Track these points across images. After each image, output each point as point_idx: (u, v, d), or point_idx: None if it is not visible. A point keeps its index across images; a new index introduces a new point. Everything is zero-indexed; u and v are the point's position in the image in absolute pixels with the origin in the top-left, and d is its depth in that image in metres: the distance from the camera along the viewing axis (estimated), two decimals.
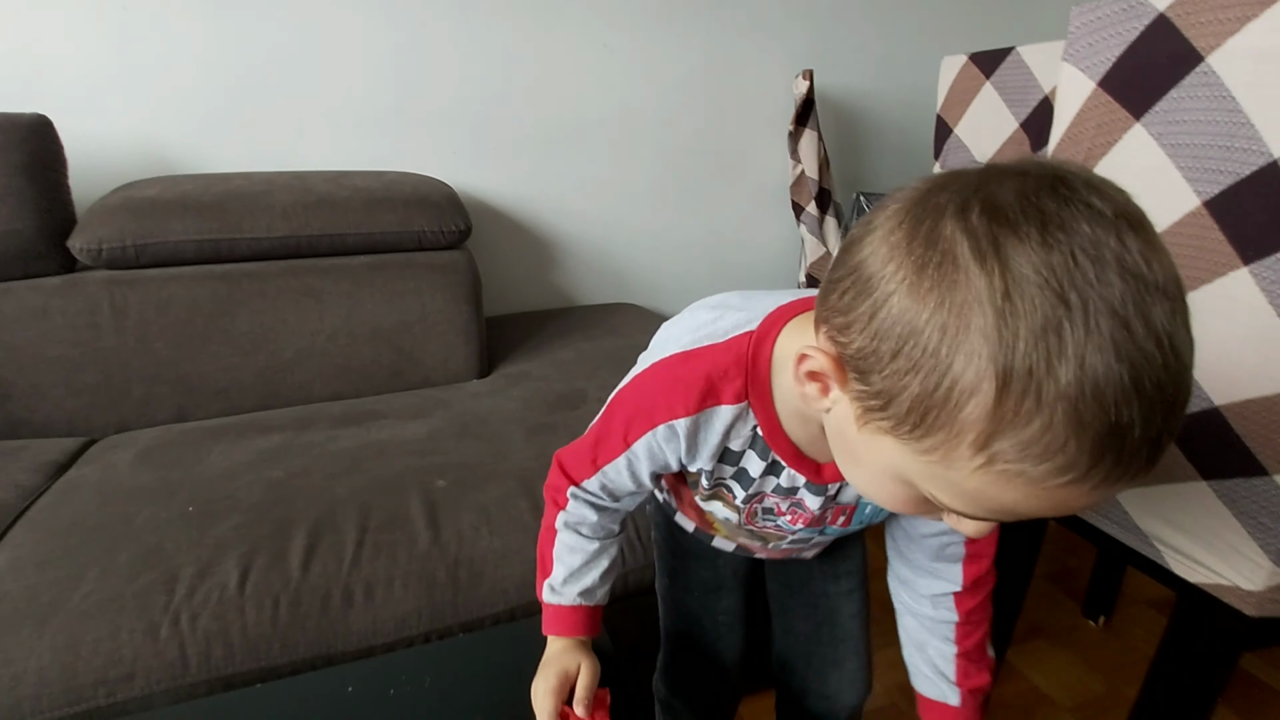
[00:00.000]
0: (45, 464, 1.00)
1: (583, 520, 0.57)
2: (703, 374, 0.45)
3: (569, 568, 0.57)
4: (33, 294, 1.11)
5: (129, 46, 1.31)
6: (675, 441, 0.47)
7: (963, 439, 0.29)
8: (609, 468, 0.52)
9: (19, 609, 0.68)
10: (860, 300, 0.32)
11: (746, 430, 0.47)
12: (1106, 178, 0.29)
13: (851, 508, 0.52)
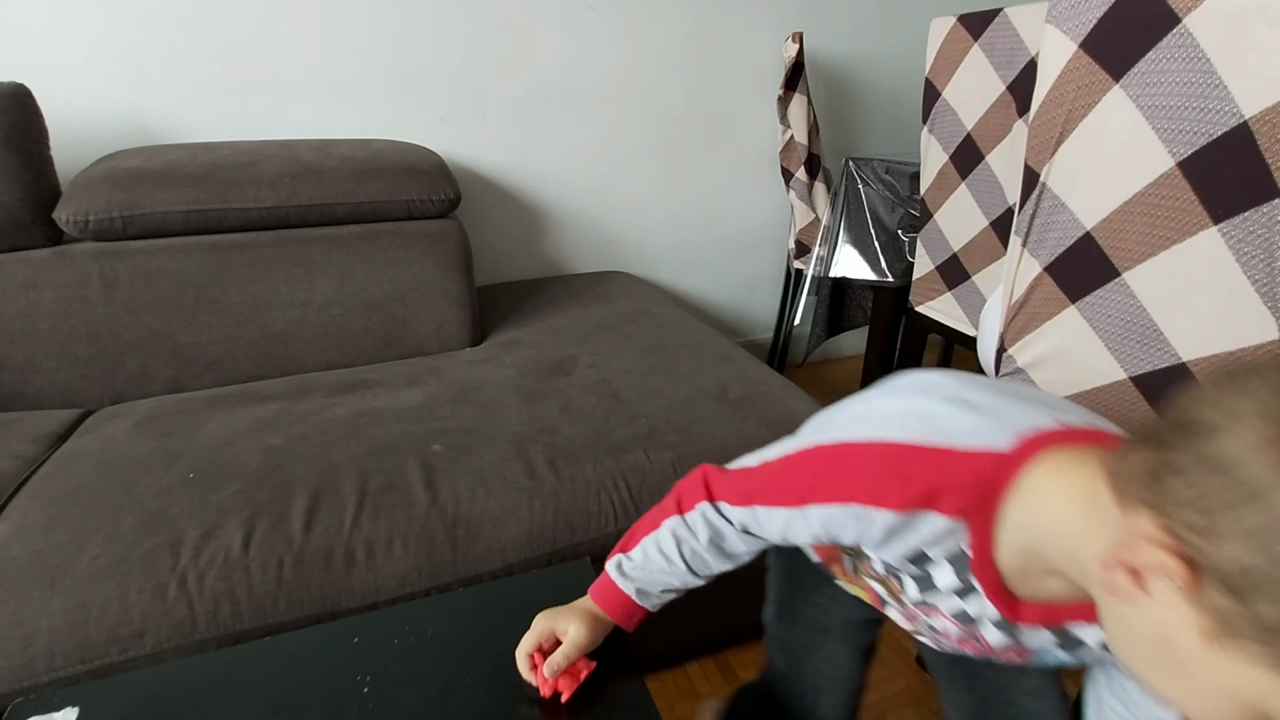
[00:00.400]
0: (43, 435, 1.01)
1: (689, 540, 0.53)
2: (929, 478, 0.41)
3: (646, 565, 0.55)
4: (21, 267, 1.11)
5: (105, 11, 1.28)
6: (866, 527, 0.43)
7: None
8: (763, 511, 0.48)
9: (27, 573, 0.70)
10: (1238, 507, 0.28)
11: (953, 546, 0.42)
12: None
13: (1031, 653, 0.46)
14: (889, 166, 1.37)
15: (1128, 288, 0.69)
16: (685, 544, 0.53)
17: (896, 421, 0.44)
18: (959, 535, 0.41)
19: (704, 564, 0.54)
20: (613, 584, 0.56)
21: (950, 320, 1.25)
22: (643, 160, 1.76)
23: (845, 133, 1.90)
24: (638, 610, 0.56)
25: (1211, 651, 0.29)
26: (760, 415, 1.00)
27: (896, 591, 0.50)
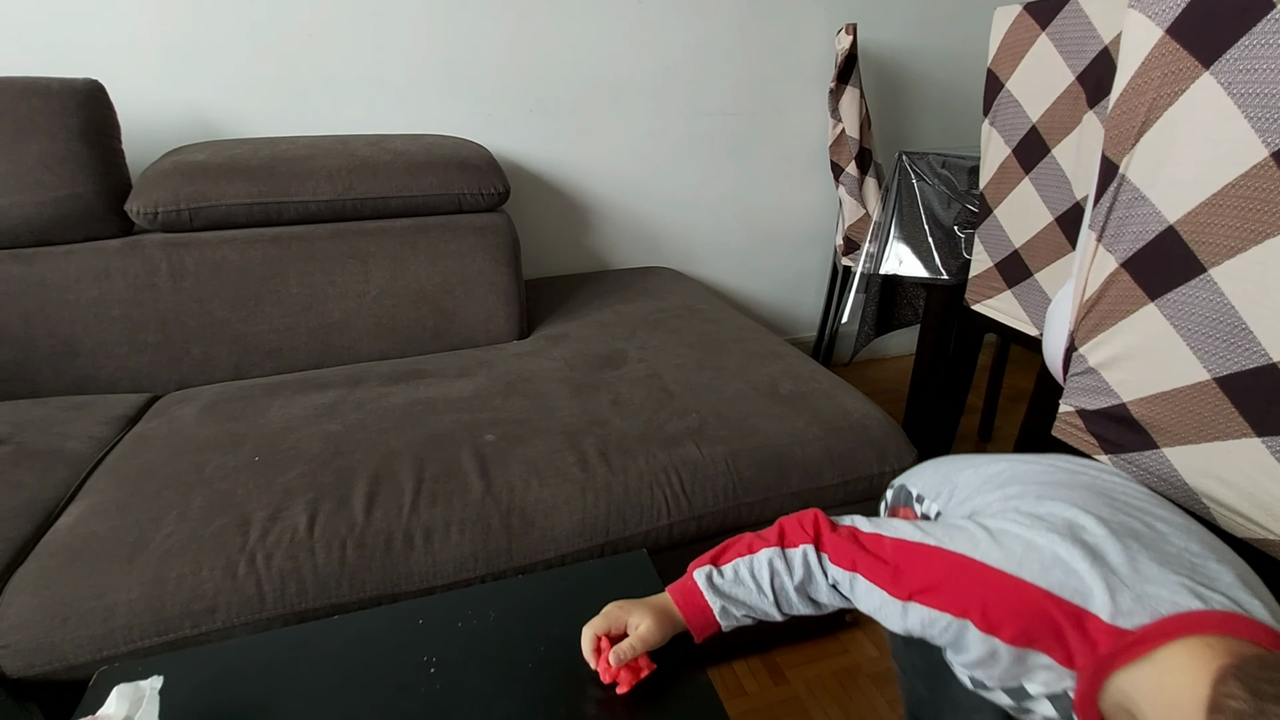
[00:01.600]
0: (115, 417, 1.06)
1: (782, 577, 0.54)
2: (1049, 627, 0.42)
3: (735, 585, 0.55)
4: (95, 256, 1.15)
5: (173, 9, 1.33)
6: (966, 642, 0.44)
7: None
8: (863, 584, 0.49)
9: (108, 548, 0.73)
10: None
11: (1056, 685, 0.43)
12: None
13: None
14: (945, 160, 1.33)
15: (1214, 284, 0.66)
16: (779, 577, 0.54)
17: (1038, 565, 0.43)
18: (1063, 678, 0.42)
19: (789, 602, 0.55)
20: (699, 593, 0.56)
21: (1009, 319, 1.22)
22: (688, 155, 1.75)
23: (897, 126, 1.86)
24: (714, 625, 0.56)
25: None
26: (812, 412, 0.99)
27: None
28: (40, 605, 0.68)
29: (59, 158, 1.11)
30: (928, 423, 1.45)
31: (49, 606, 0.68)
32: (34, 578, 0.70)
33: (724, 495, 0.88)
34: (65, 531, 0.77)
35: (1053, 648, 0.41)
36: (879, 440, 0.95)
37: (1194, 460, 0.73)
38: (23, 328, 1.12)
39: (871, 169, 1.57)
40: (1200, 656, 0.37)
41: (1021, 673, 0.44)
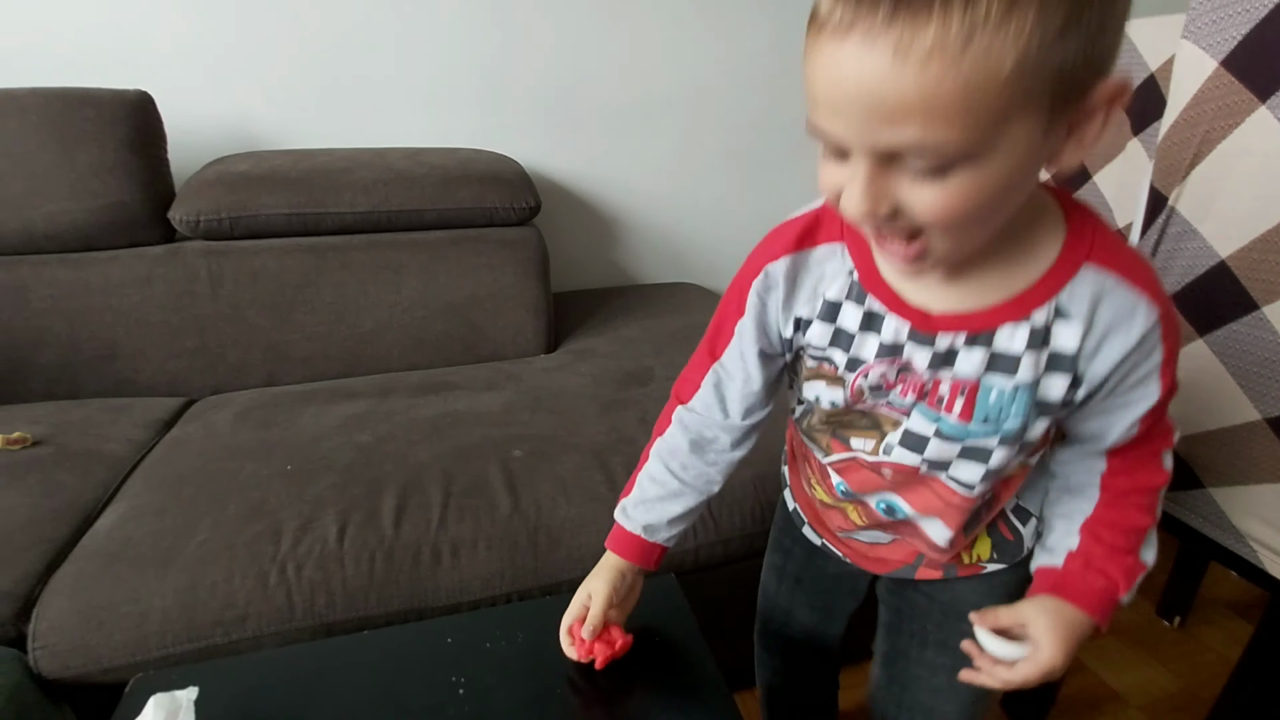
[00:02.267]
0: (152, 421, 1.08)
1: (674, 452, 0.57)
2: (801, 222, 0.47)
3: (644, 496, 0.58)
4: (138, 262, 1.18)
5: (220, 24, 1.36)
6: (773, 289, 0.48)
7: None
8: (726, 353, 0.53)
9: (144, 553, 0.74)
10: None
11: (843, 276, 0.45)
12: None
13: (972, 386, 0.42)
14: None
15: (1267, 323, 0.64)
16: (673, 458, 0.56)
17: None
18: (843, 260, 0.45)
19: (696, 472, 0.57)
20: (620, 528, 0.58)
21: None
22: (717, 171, 1.75)
23: None
24: (651, 548, 0.58)
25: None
26: None
27: (834, 374, 0.48)
28: (77, 608, 0.69)
29: (108, 166, 1.15)
30: None
31: (85, 610, 0.69)
32: (72, 580, 0.72)
33: (750, 519, 0.87)
34: (103, 535, 0.78)
35: (815, 234, 0.47)
36: None
37: (1242, 501, 0.71)
38: (67, 330, 1.15)
39: None
40: None
41: (818, 276, 0.47)
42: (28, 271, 1.13)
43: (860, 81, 0.30)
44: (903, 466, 0.48)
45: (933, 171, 0.32)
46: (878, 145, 0.32)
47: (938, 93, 0.29)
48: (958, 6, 0.28)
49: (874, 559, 0.59)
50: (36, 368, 1.14)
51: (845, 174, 0.35)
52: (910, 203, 0.34)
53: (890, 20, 0.28)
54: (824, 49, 0.31)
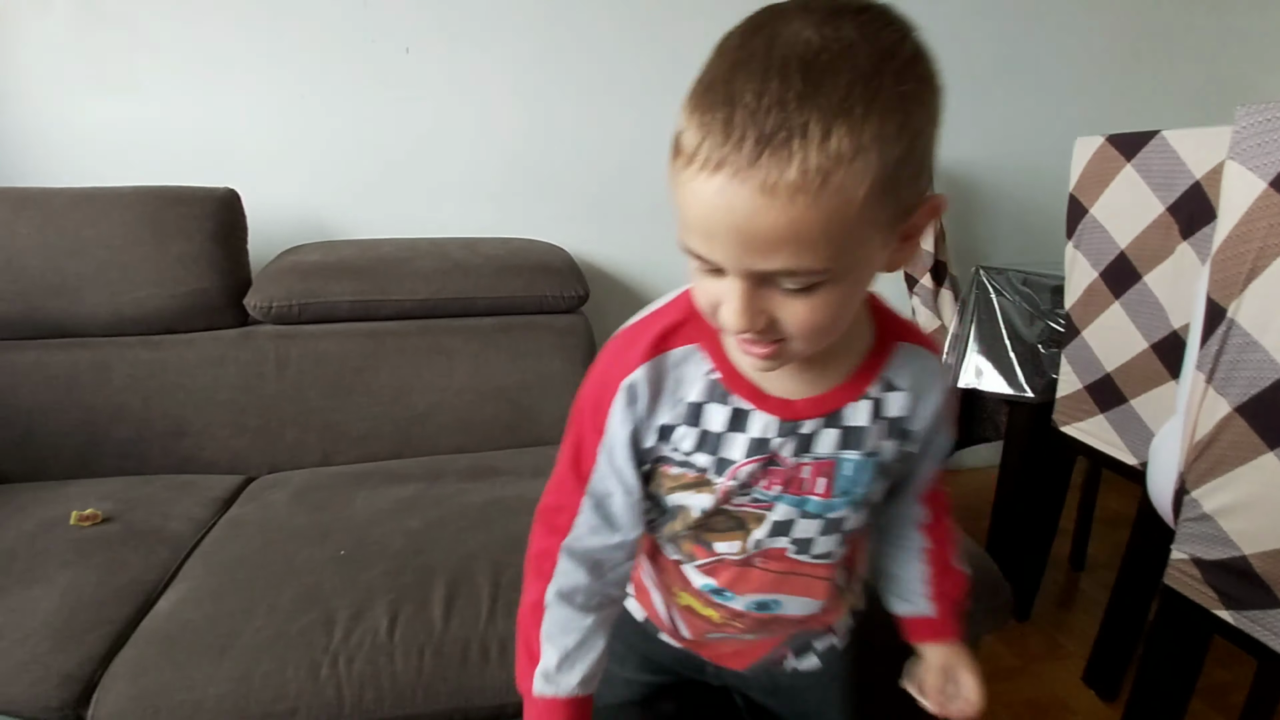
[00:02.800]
0: (212, 499, 1.11)
1: (576, 588, 0.50)
2: (652, 327, 0.46)
3: (562, 650, 0.49)
4: (213, 344, 1.26)
5: (299, 127, 1.50)
6: (637, 404, 0.45)
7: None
8: (594, 475, 0.48)
9: (201, 638, 0.76)
10: None
11: (702, 378, 0.46)
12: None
13: (830, 464, 0.47)
14: (1026, 278, 1.33)
15: None
16: (576, 596, 0.50)
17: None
18: (700, 363, 0.46)
19: (600, 598, 0.51)
20: (552, 700, 0.49)
21: (1102, 444, 1.16)
22: None
23: (970, 239, 1.87)
24: (586, 702, 0.51)
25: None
26: None
27: (702, 478, 0.48)
28: (136, 694, 0.70)
29: (193, 257, 1.24)
30: (1015, 547, 1.36)
31: (143, 696, 0.70)
32: (132, 665, 0.73)
33: None
34: (163, 617, 0.80)
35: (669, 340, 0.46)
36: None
37: None
38: (141, 408, 1.21)
39: (947, 281, 1.57)
40: None
41: (678, 380, 0.46)
42: (112, 352, 1.22)
43: (732, 215, 0.33)
44: (771, 551, 0.50)
45: (801, 290, 0.36)
46: (752, 270, 0.35)
47: (803, 225, 0.32)
48: (815, 147, 0.31)
49: (733, 654, 0.60)
50: (112, 443, 1.20)
51: (721, 288, 0.37)
52: (782, 316, 0.37)
53: (755, 161, 0.31)
54: (694, 182, 0.34)
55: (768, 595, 0.52)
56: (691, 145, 0.34)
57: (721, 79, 0.33)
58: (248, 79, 1.45)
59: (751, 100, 0.31)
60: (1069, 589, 1.51)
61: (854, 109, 0.31)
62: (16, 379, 1.17)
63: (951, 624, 0.59)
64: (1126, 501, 1.87)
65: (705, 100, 0.34)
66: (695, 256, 0.37)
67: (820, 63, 0.31)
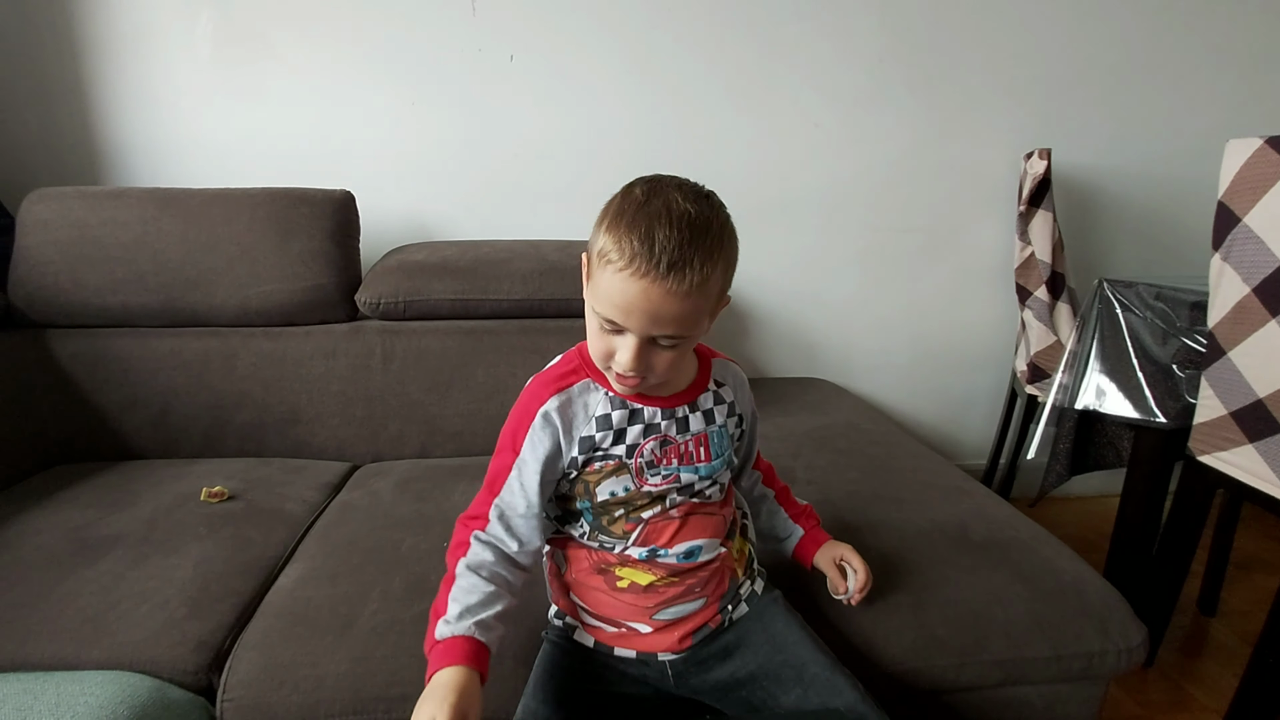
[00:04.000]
0: (323, 484, 1.17)
1: (482, 563, 0.63)
2: (554, 374, 0.68)
3: (464, 605, 0.60)
4: (327, 337, 1.32)
5: (409, 133, 1.56)
6: (552, 425, 0.64)
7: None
8: (504, 489, 0.66)
9: (322, 617, 0.79)
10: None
11: (600, 398, 0.66)
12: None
13: (704, 435, 0.69)
14: (1159, 292, 1.22)
15: None
16: (483, 568, 0.63)
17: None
18: (595, 390, 0.66)
19: (505, 577, 0.64)
20: (451, 639, 0.58)
21: (1250, 477, 1.05)
22: (854, 268, 1.74)
23: (1087, 250, 1.75)
24: (482, 649, 0.59)
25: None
26: (1013, 567, 0.89)
27: (620, 464, 0.66)
28: (265, 665, 0.74)
29: (313, 254, 1.31)
30: (1138, 585, 1.25)
31: (271, 668, 0.73)
32: (260, 637, 0.77)
33: (911, 652, 0.80)
34: (286, 594, 0.84)
35: (568, 379, 0.68)
36: (1098, 611, 0.83)
37: None
38: (262, 395, 1.29)
39: (1065, 294, 1.47)
40: None
41: (585, 403, 0.66)
42: (238, 342, 1.30)
43: (648, 303, 0.55)
44: (681, 505, 0.69)
45: (670, 346, 0.59)
46: (650, 334, 0.57)
47: (685, 311, 0.56)
48: (697, 272, 0.55)
49: (681, 635, 0.70)
50: (234, 426, 1.28)
51: (618, 342, 0.59)
52: (654, 362, 0.60)
53: (667, 276, 0.54)
54: (624, 281, 0.55)
55: (688, 543, 0.68)
56: (622, 259, 0.54)
57: (639, 220, 0.55)
58: (362, 88, 1.53)
59: (663, 239, 0.54)
60: (1197, 635, 1.37)
61: (713, 253, 0.56)
62: (156, 364, 1.27)
63: (819, 531, 0.82)
64: (1260, 542, 1.69)
65: (629, 231, 0.54)
66: (608, 321, 0.57)
67: (697, 224, 0.55)
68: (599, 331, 0.59)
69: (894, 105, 1.64)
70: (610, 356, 0.59)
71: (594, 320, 0.59)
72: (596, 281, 0.57)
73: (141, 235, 1.26)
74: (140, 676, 0.72)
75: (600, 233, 0.57)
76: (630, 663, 0.70)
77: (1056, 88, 1.66)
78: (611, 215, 0.57)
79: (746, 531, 0.81)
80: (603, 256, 0.56)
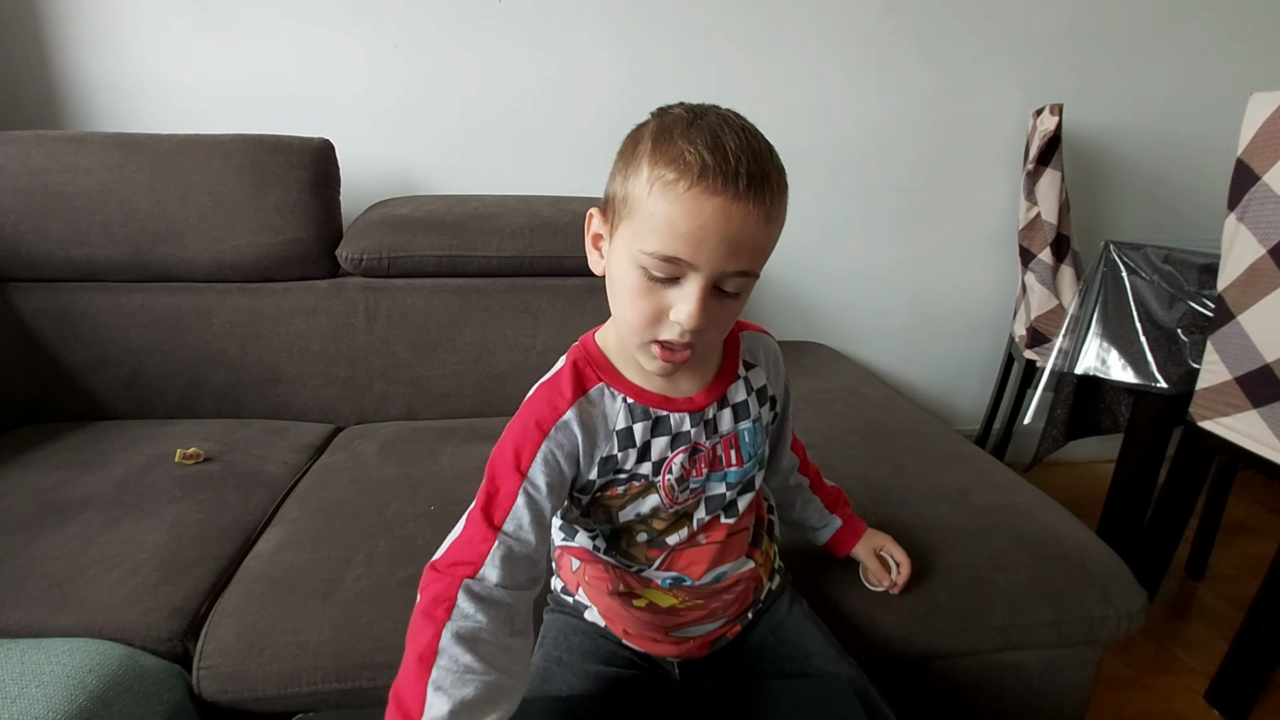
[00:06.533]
0: (305, 446, 1.13)
1: (478, 635, 0.45)
2: (565, 377, 0.54)
3: (457, 699, 0.42)
4: (306, 294, 1.27)
5: (391, 81, 1.48)
6: (571, 437, 0.52)
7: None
8: (509, 519, 0.50)
9: (304, 582, 0.76)
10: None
11: (619, 406, 0.54)
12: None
13: (733, 436, 0.59)
14: (1168, 254, 1.19)
15: None
16: (480, 644, 0.45)
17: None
18: (613, 397, 0.54)
19: (506, 657, 0.46)
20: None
21: (1253, 443, 1.04)
22: (855, 230, 1.69)
23: (1093, 214, 1.71)
24: None
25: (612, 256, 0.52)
26: (1015, 532, 0.87)
27: (648, 483, 0.56)
28: (243, 631, 0.71)
29: (290, 206, 1.25)
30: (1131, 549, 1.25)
31: (250, 634, 0.70)
32: (238, 602, 0.74)
33: (912, 620, 0.78)
34: (265, 558, 0.81)
35: (580, 385, 0.55)
36: (1100, 577, 0.82)
37: None
38: (239, 354, 1.24)
39: (1069, 257, 1.44)
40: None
41: (602, 413, 0.54)
42: (213, 298, 1.24)
43: (727, 226, 0.44)
44: (709, 524, 0.60)
45: (735, 293, 0.48)
46: (724, 271, 0.46)
47: (764, 240, 0.47)
48: (774, 188, 0.46)
49: (696, 645, 0.64)
50: (210, 387, 1.23)
51: (674, 296, 0.47)
52: (715, 318, 0.48)
53: (745, 193, 0.44)
54: (691, 200, 0.44)
55: (717, 569, 0.61)
56: (694, 172, 0.44)
57: (698, 132, 0.45)
58: (342, 28, 1.44)
59: (736, 149, 0.44)
60: (1184, 598, 1.38)
61: (783, 176, 0.48)
62: (126, 321, 1.21)
63: (855, 519, 0.77)
64: (1249, 508, 1.70)
65: (690, 143, 0.44)
66: (666, 262, 0.45)
67: (762, 140, 0.47)
68: (644, 287, 0.47)
69: (901, 56, 1.57)
70: (658, 320, 0.47)
71: (634, 275, 0.47)
72: (643, 219, 0.45)
73: (106, 183, 1.19)
74: (111, 644, 0.68)
75: (637, 162, 0.46)
76: (638, 654, 0.65)
77: (1071, 41, 1.59)
78: (653, 137, 0.46)
79: (773, 529, 0.72)
80: (655, 182, 0.44)
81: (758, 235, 0.46)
